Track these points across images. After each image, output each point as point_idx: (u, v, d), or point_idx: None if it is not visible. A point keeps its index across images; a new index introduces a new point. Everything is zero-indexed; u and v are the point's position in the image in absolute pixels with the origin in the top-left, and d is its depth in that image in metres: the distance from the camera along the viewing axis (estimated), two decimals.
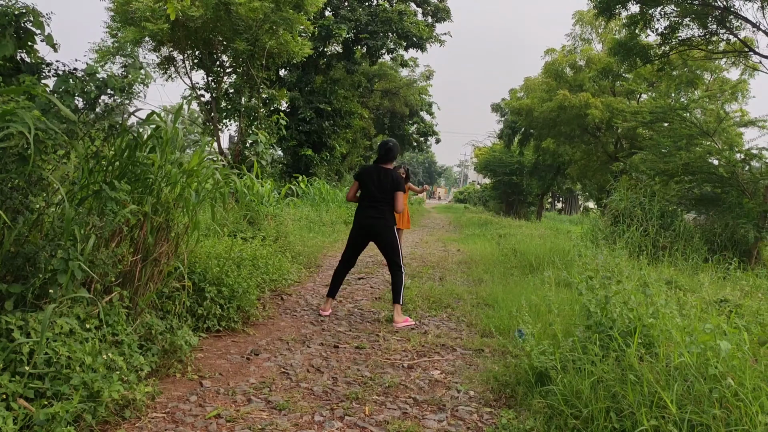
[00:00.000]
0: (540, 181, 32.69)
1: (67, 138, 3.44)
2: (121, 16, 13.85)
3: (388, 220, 6.07)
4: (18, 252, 3.38)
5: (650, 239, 11.92)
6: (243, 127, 14.59)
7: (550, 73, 21.96)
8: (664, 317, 3.88)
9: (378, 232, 6.05)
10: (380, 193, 6.02)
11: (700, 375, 3.06)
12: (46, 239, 3.45)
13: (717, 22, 10.47)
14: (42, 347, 2.88)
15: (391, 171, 6.11)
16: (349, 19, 20.46)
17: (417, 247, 14.07)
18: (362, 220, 6.09)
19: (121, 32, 14.07)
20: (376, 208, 6.04)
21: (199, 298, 5.07)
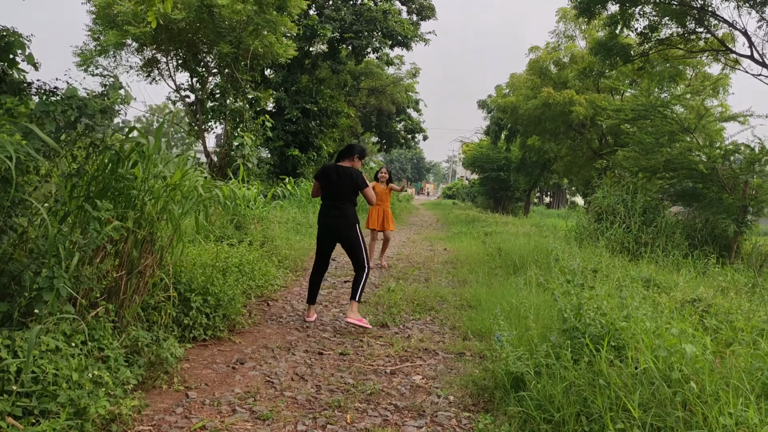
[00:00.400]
0: (527, 176, 32.91)
1: (48, 158, 3.51)
2: (102, 20, 13.86)
3: (349, 218, 6.05)
4: (3, 270, 3.46)
5: (633, 236, 12.09)
6: (229, 130, 14.64)
7: (535, 71, 22.12)
8: (635, 321, 4.01)
9: (339, 231, 6.05)
10: (340, 191, 6.03)
11: (664, 379, 3.19)
12: (30, 257, 3.53)
13: (695, 21, 10.63)
14: (29, 366, 2.96)
15: (349, 169, 6.08)
16: (333, 18, 20.50)
17: (404, 246, 14.18)
18: (323, 219, 6.14)
19: (103, 35, 14.07)
20: (337, 207, 6.05)
21: (185, 307, 5.15)
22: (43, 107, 3.19)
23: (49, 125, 3.22)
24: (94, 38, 14.32)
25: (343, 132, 29.02)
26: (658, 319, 4.23)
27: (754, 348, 3.65)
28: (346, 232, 6.04)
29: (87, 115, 3.33)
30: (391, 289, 7.86)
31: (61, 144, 3.77)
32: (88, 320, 3.77)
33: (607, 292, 5.21)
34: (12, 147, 2.69)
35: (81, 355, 3.41)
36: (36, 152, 3.06)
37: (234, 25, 13.83)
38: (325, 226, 6.12)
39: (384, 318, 6.41)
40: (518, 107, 22.11)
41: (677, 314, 4.96)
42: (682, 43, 11.56)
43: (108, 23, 13.54)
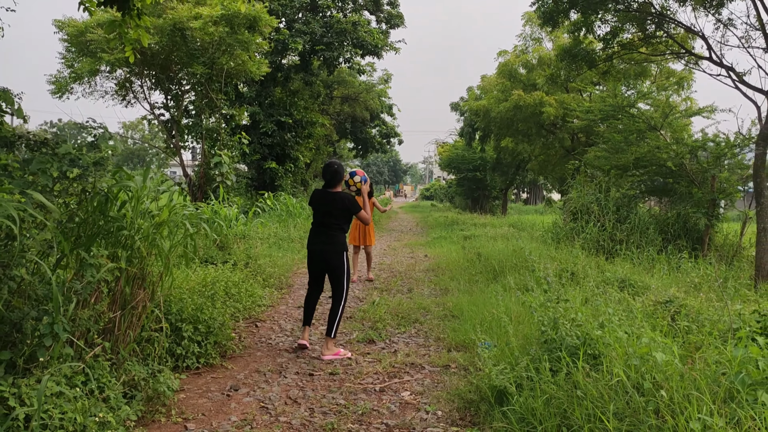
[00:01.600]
0: (502, 176, 33.32)
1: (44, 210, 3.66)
2: (76, 47, 13.90)
3: (337, 245, 6.01)
4: (3, 319, 3.60)
5: (608, 233, 12.41)
6: (206, 149, 14.74)
7: (504, 74, 22.48)
8: (608, 330, 4.24)
9: (327, 259, 5.99)
10: (329, 218, 6.03)
11: (637, 388, 3.43)
12: (29, 304, 3.67)
13: (655, 24, 10.99)
14: (38, 414, 3.11)
15: (339, 194, 6.08)
16: (304, 32, 20.66)
17: (385, 255, 14.38)
18: (312, 246, 6.10)
19: (77, 63, 14.12)
20: (326, 234, 6.03)
21: (177, 337, 5.30)
22: (39, 165, 3.34)
23: (44, 180, 3.38)
24: (68, 66, 14.34)
25: (318, 141, 29.18)
26: (631, 326, 4.47)
27: (718, 352, 3.89)
28: (333, 259, 5.99)
29: (81, 168, 3.48)
30: (376, 303, 8.05)
31: (55, 192, 3.93)
32: (87, 360, 3.92)
33: (582, 300, 5.47)
34: (13, 208, 2.85)
35: (83, 397, 3.55)
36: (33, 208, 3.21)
37: (206, 46, 13.95)
38: (314, 252, 6.08)
39: (370, 333, 6.60)
40: (490, 110, 22.46)
41: (650, 318, 5.22)
42: (644, 46, 11.91)
43: (81, 51, 13.58)
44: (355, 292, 9.24)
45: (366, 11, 24.80)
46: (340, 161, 6.51)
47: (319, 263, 6.10)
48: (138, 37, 7.48)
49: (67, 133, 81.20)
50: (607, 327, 4.27)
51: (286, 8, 21.18)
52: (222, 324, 5.78)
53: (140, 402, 4.14)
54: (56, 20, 13.87)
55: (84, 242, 4.21)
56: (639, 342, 3.80)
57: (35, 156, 3.49)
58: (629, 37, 11.75)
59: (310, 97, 24.46)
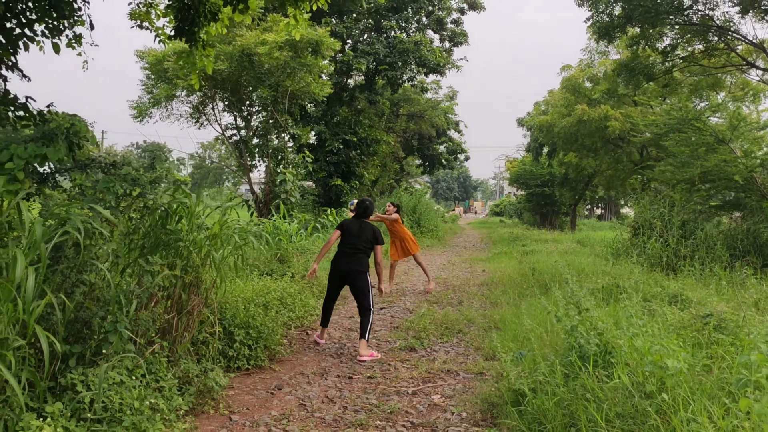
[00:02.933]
0: (571, 191, 32.93)
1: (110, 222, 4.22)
2: (155, 75, 14.98)
3: (363, 266, 6.83)
4: (77, 318, 4.15)
5: (671, 249, 12.23)
6: (272, 167, 15.48)
7: (568, 89, 22.40)
8: (628, 339, 4.43)
9: (354, 278, 6.76)
10: (360, 242, 6.89)
11: (642, 391, 3.62)
12: (97, 305, 4.22)
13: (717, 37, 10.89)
14: (100, 397, 3.62)
15: (370, 224, 7.09)
16: (367, 52, 21.31)
17: (443, 270, 14.64)
18: (341, 266, 6.85)
19: (156, 89, 15.21)
20: (356, 256, 6.84)
21: (229, 340, 5.80)
22: (105, 184, 3.90)
23: (109, 197, 3.92)
24: (148, 92, 15.46)
25: (385, 158, 29.78)
26: (652, 336, 4.62)
27: (732, 361, 4.01)
28: (360, 278, 6.75)
29: (140, 186, 4.02)
30: (422, 314, 8.36)
31: (120, 208, 4.49)
32: (146, 356, 4.43)
33: (608, 312, 5.62)
34: (80, 221, 3.38)
35: (141, 387, 4.05)
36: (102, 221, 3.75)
37: (272, 69, 14.72)
38: (343, 272, 6.83)
39: (412, 342, 6.92)
40: (553, 125, 22.41)
41: (682, 330, 5.33)
42: (705, 59, 11.79)
43: (159, 78, 14.64)
44: (406, 304, 9.58)
45: (430, 30, 25.32)
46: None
47: (342, 281, 6.91)
48: (203, 66, 8.17)
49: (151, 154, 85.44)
50: (627, 335, 4.45)
51: (351, 30, 21.93)
52: (272, 330, 6.24)
53: (192, 395, 4.62)
54: (137, 50, 15.00)
55: (146, 252, 4.77)
56: (653, 349, 3.98)
57: (103, 176, 4.05)
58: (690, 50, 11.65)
59: (374, 115, 25.08)
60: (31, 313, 3.13)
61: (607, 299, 7.62)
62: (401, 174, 38.74)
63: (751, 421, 2.89)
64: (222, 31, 8.06)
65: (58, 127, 4.03)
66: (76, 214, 3.47)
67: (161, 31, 8.22)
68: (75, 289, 4.06)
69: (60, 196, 4.40)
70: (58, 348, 3.45)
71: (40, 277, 3.23)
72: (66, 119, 4.08)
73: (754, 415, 2.86)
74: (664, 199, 13.62)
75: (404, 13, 23.18)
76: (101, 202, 4.11)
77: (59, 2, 6.50)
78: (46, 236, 3.33)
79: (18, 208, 3.57)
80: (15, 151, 3.92)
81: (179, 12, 7.44)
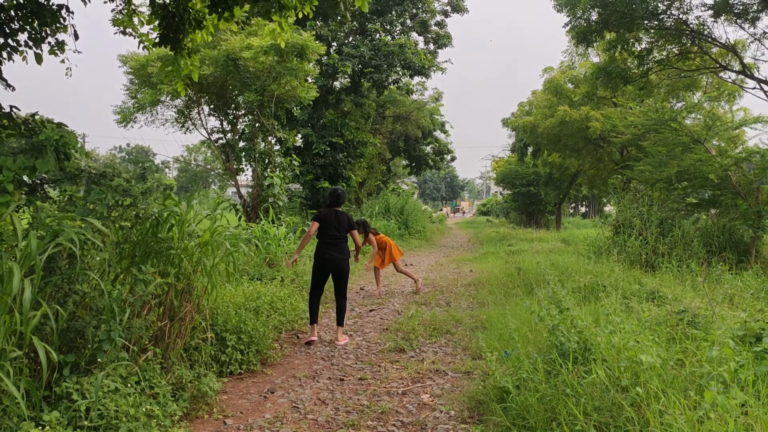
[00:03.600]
0: (556, 190, 33.24)
1: (103, 234, 4.32)
2: (139, 80, 15.01)
3: (346, 253, 7.41)
4: (69, 327, 4.24)
5: (650, 247, 12.48)
6: (259, 171, 15.56)
7: (550, 90, 22.68)
8: (606, 336, 4.59)
9: (338, 265, 7.30)
10: (339, 231, 7.37)
11: (616, 386, 3.78)
12: (90, 314, 4.31)
13: (690, 41, 11.12)
14: (96, 405, 3.72)
15: (344, 213, 7.52)
16: (353, 55, 21.43)
17: (431, 271, 14.79)
18: (325, 255, 7.29)
19: (140, 94, 15.23)
20: (336, 245, 7.34)
21: (222, 346, 5.90)
22: (96, 196, 4.00)
23: (101, 208, 4.02)
24: (132, 96, 15.48)
25: (371, 159, 29.93)
26: (629, 333, 4.79)
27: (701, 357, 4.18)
28: (342, 265, 7.34)
29: (131, 197, 4.12)
30: (411, 315, 8.49)
31: (111, 218, 4.59)
32: (140, 363, 4.53)
33: (589, 310, 5.78)
34: (73, 232, 3.48)
35: (135, 394, 4.15)
36: (92, 232, 3.85)
37: (258, 74, 14.80)
38: (327, 261, 7.28)
39: (401, 344, 7.05)
40: (537, 126, 22.67)
41: (657, 326, 5.50)
42: (680, 62, 12.04)
43: (144, 82, 14.67)
44: (395, 306, 9.72)
45: (414, 33, 25.49)
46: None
47: (327, 270, 7.36)
48: (189, 72, 8.25)
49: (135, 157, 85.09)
50: (605, 332, 4.61)
51: (336, 33, 22.05)
52: (263, 334, 6.35)
53: (186, 400, 4.73)
54: (120, 55, 15.03)
55: (138, 261, 4.87)
56: (626, 345, 4.14)
57: (94, 188, 4.15)
58: (665, 54, 11.89)
59: (361, 117, 25.22)
60: (27, 324, 3.22)
61: (588, 297, 7.80)
62: (388, 175, 38.91)
63: (717, 413, 3.06)
64: (207, 38, 8.14)
65: (47, 139, 4.12)
66: (69, 226, 3.57)
67: (145, 38, 8.29)
68: (67, 299, 4.15)
69: (51, 207, 4.48)
70: (54, 357, 3.55)
71: (35, 289, 3.32)
72: (55, 131, 4.17)
73: (719, 407, 3.02)
74: (643, 198, 13.87)
75: (388, 15, 23.35)
76: (93, 213, 4.21)
77: (41, 10, 6.57)
78: (41, 248, 3.43)
79: (12, 220, 3.66)
80: (4, 164, 4.01)
81: (164, 19, 7.52)
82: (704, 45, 11.30)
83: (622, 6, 10.01)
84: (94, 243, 4.03)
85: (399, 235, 22.97)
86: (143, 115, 15.97)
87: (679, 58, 11.93)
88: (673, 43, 11.44)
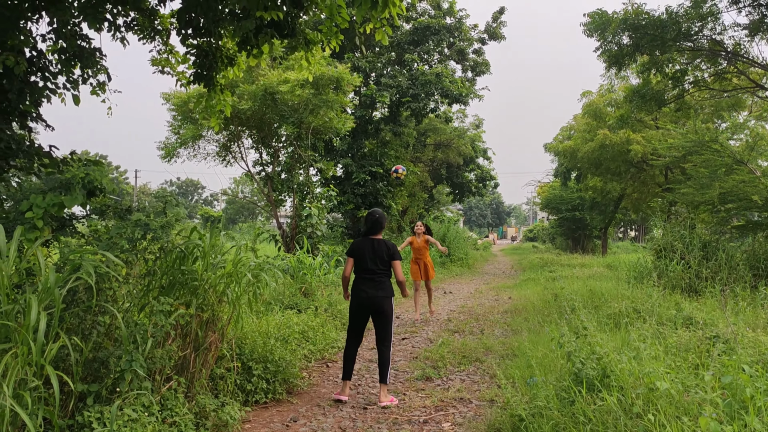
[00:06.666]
0: (601, 215, 32.66)
1: (126, 265, 4.50)
2: (181, 116, 15.55)
3: (387, 291, 6.14)
4: (95, 357, 4.41)
5: (693, 271, 12.15)
6: (297, 203, 15.83)
7: (590, 114, 22.47)
8: (628, 362, 4.51)
9: (378, 305, 6.08)
10: (377, 265, 6.14)
11: (625, 413, 3.72)
12: (114, 345, 4.48)
13: (727, 61, 10.94)
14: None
15: (384, 241, 6.29)
16: (390, 85, 21.73)
17: (469, 299, 14.69)
18: (362, 294, 6.10)
19: (182, 129, 15.77)
20: (374, 281, 6.11)
21: (248, 375, 6.00)
22: (117, 230, 4.19)
23: (122, 242, 4.20)
24: (175, 132, 16.03)
25: (413, 187, 30.06)
26: (652, 359, 4.69)
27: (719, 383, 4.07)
28: (385, 304, 6.10)
29: (151, 231, 4.30)
30: (441, 343, 8.46)
31: (136, 251, 4.78)
32: (162, 392, 4.66)
33: (619, 336, 5.68)
34: (91, 266, 3.65)
35: (156, 422, 4.27)
36: (114, 266, 4.02)
37: (295, 106, 15.15)
38: (364, 299, 6.09)
39: (429, 372, 7.04)
40: (576, 150, 22.44)
41: (686, 352, 5.37)
42: (717, 83, 11.83)
43: (185, 118, 15.20)
44: (428, 334, 9.69)
45: (452, 61, 25.71)
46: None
47: (368, 309, 6.14)
48: (222, 108, 8.55)
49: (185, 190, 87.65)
50: (627, 358, 4.53)
51: (374, 64, 22.41)
52: (290, 363, 6.43)
53: (208, 429, 4.83)
54: (164, 93, 15.61)
55: (164, 292, 5.04)
56: (642, 371, 4.07)
57: (118, 222, 4.35)
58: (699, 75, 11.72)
59: (400, 146, 25.42)
60: (45, 355, 3.38)
61: (620, 324, 7.65)
62: (431, 203, 38.91)
63: None
64: (239, 74, 8.44)
65: (74, 177, 4.34)
66: (89, 260, 3.74)
67: (181, 76, 8.67)
68: (92, 330, 4.32)
69: (78, 242, 4.70)
70: (73, 387, 3.69)
71: (55, 321, 3.49)
72: (81, 169, 4.40)
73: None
74: (685, 221, 13.55)
75: (426, 45, 23.62)
76: (115, 247, 4.40)
77: (83, 52, 6.93)
78: (60, 282, 3.60)
79: (37, 254, 3.86)
80: (34, 201, 4.24)
81: (198, 58, 7.87)
82: (740, 65, 11.08)
83: (653, 29, 9.92)
84: (116, 276, 4.21)
85: (441, 263, 22.90)
86: (185, 149, 16.50)
87: (715, 79, 11.71)
88: (708, 64, 11.25)
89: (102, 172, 4.82)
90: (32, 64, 6.32)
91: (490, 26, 26.08)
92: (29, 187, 4.36)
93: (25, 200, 4.17)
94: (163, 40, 8.10)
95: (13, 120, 5.66)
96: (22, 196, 4.21)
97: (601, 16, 12.16)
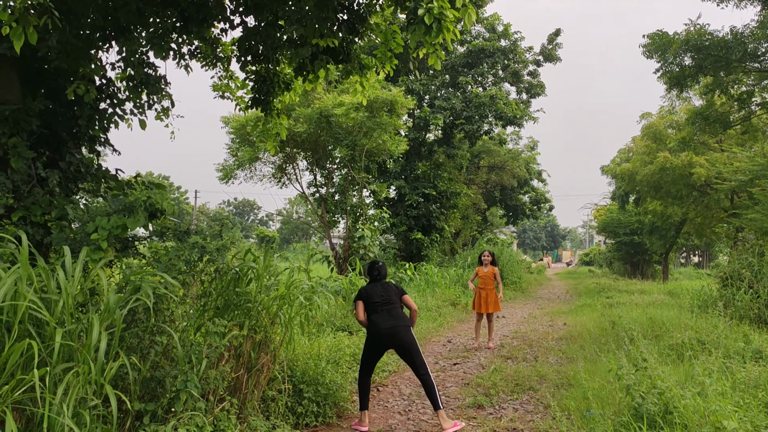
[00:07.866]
0: (661, 239, 31.71)
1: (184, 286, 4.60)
2: (239, 138, 15.95)
3: (407, 320, 6.17)
4: (152, 376, 4.50)
5: (762, 301, 11.62)
6: (350, 224, 15.95)
7: (649, 136, 21.95)
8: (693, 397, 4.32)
9: (399, 336, 6.02)
10: (390, 301, 6.20)
11: None
12: (171, 365, 4.56)
13: None
14: None
15: (390, 283, 6.41)
16: (444, 108, 21.77)
17: (523, 324, 14.42)
18: (381, 326, 6.02)
19: (240, 152, 16.17)
20: (391, 312, 6.11)
21: (298, 397, 6.02)
22: (175, 252, 4.29)
23: (179, 264, 4.30)
24: (233, 154, 16.45)
25: (466, 210, 29.89)
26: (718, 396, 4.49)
27: None
28: (406, 334, 6.05)
29: (207, 253, 4.39)
30: (492, 369, 8.31)
31: (193, 273, 4.88)
32: (215, 413, 4.71)
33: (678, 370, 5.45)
34: (149, 288, 3.74)
35: None
36: (172, 286, 4.11)
37: (349, 129, 15.34)
38: (384, 332, 6.01)
39: (481, 399, 6.91)
40: (635, 173, 21.91)
41: (751, 389, 5.12)
42: None
43: (243, 141, 15.59)
44: (480, 360, 9.54)
45: (506, 83, 25.59)
46: None
47: (387, 344, 6.09)
48: (278, 131, 8.72)
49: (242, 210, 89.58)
50: (691, 393, 4.35)
51: (428, 86, 22.51)
52: (340, 386, 6.42)
53: None
54: (223, 117, 16.07)
55: (219, 313, 5.13)
56: (708, 409, 3.89)
57: (177, 245, 4.46)
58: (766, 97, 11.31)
59: (453, 168, 25.37)
60: (105, 374, 3.47)
61: (683, 356, 7.35)
62: (484, 225, 38.58)
63: None
64: (295, 99, 8.60)
65: (137, 200, 4.49)
66: (148, 281, 3.84)
67: (240, 100, 8.92)
68: (150, 349, 4.42)
69: (139, 262, 4.84)
70: (130, 406, 3.77)
71: (115, 340, 3.58)
72: (143, 192, 4.54)
73: None
74: (753, 248, 12.98)
75: (480, 68, 23.60)
76: (174, 268, 4.50)
77: (149, 80, 7.20)
78: (121, 302, 3.71)
79: (100, 275, 3.98)
80: (100, 223, 4.39)
81: (256, 83, 8.09)
82: None
83: (717, 50, 9.64)
84: (173, 296, 4.30)
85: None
86: (243, 171, 16.90)
87: None
88: None
89: (163, 195, 4.96)
90: (101, 92, 6.59)
91: (546, 48, 25.90)
92: (95, 209, 4.52)
93: (91, 222, 4.32)
94: (224, 67, 8.36)
95: (83, 145, 5.90)
96: (89, 217, 4.37)
97: (661, 38, 11.91)
